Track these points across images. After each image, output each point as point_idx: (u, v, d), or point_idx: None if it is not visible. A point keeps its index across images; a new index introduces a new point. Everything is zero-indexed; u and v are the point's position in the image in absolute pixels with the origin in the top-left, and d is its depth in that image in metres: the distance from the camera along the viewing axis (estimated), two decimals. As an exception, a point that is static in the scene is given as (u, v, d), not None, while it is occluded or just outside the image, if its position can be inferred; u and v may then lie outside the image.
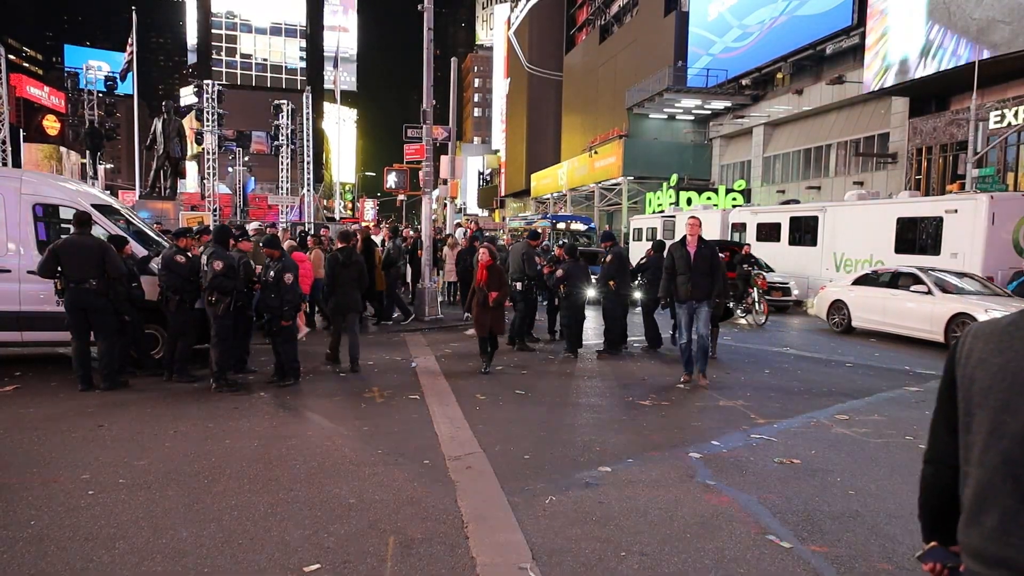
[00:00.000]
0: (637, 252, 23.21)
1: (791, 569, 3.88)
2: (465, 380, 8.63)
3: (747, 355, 11.06)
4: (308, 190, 34.76)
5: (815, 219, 19.65)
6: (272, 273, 7.96)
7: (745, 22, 33.20)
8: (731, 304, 14.72)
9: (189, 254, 8.23)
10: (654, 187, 35.46)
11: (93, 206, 8.83)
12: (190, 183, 45.02)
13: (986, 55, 19.10)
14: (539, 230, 19.34)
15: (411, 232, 19.50)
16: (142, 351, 8.60)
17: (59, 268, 7.54)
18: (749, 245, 17.28)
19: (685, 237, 8.63)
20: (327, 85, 68.78)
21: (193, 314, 8.12)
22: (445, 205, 34.82)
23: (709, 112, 37.98)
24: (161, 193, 23.49)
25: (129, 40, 35.34)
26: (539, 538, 4.16)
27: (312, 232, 17.92)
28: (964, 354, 1.59)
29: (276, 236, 8.89)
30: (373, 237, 14.91)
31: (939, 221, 15.32)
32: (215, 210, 27.23)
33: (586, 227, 29.14)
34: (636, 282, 11.99)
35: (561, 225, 28.75)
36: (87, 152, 34.40)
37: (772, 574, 3.83)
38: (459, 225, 27.99)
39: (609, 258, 10.95)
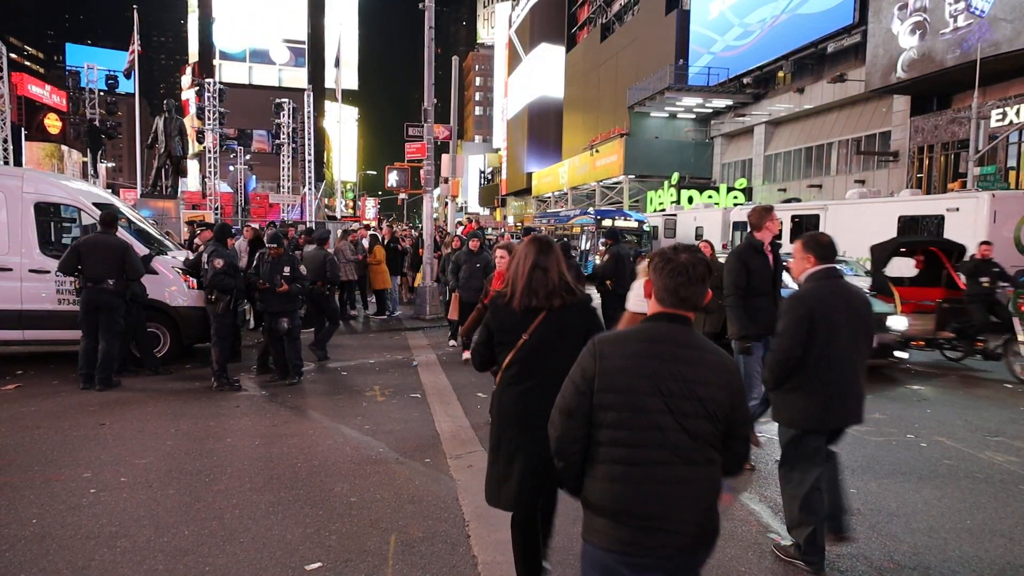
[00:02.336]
0: (638, 251, 23.32)
1: (792, 567, 3.88)
2: (466, 378, 8.62)
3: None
4: (310, 189, 34.75)
5: (816, 218, 19.63)
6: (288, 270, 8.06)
7: (746, 20, 33.15)
8: (962, 341, 9.42)
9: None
10: (655, 185, 35.46)
11: (94, 204, 8.84)
12: (191, 182, 45.01)
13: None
14: (535, 226, 18.96)
15: (410, 231, 19.32)
16: (144, 350, 8.61)
17: (79, 266, 7.61)
18: (990, 244, 10.13)
19: (758, 240, 5.64)
20: (328, 84, 68.72)
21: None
22: (447, 204, 34.78)
23: (710, 111, 37.95)
24: (162, 192, 23.49)
25: (133, 39, 35.36)
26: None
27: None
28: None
29: (279, 234, 8.90)
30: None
31: (940, 220, 15.32)
32: (216, 209, 27.21)
33: (637, 223, 25.81)
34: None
35: (606, 222, 25.04)
36: (88, 151, 34.40)
37: (773, 572, 3.83)
38: (460, 224, 27.88)
39: (607, 257, 10.93)
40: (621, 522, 2.18)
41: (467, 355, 7.46)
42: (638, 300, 3.16)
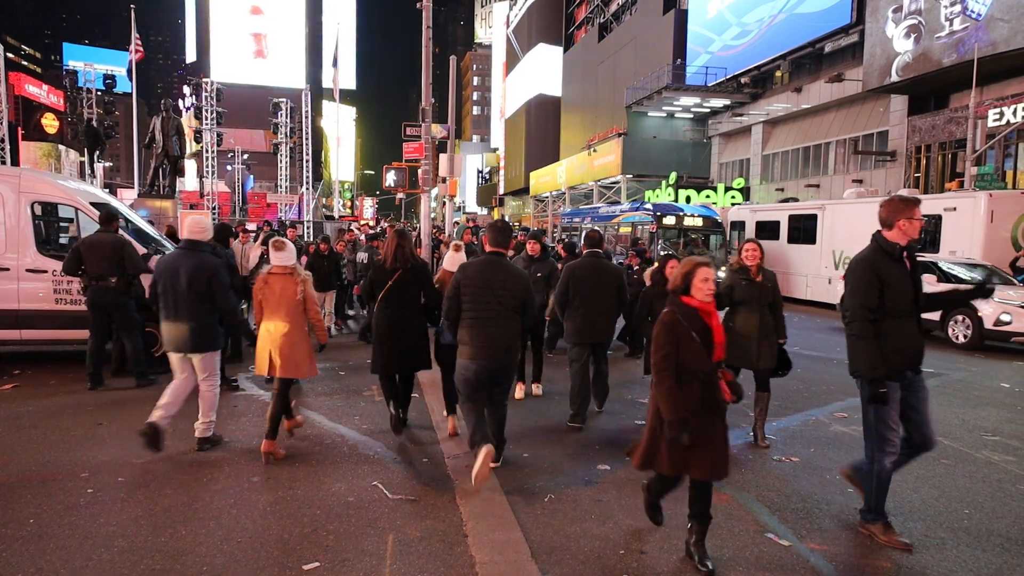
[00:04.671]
0: (636, 250, 23.12)
1: (790, 567, 3.89)
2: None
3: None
4: (307, 188, 34.74)
5: (814, 217, 19.66)
6: None
7: (744, 20, 33.14)
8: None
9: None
10: (653, 185, 35.42)
11: (91, 204, 8.83)
12: (189, 181, 44.95)
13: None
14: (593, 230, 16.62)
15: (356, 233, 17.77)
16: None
17: (82, 266, 7.67)
18: None
19: (890, 242, 4.19)
20: (326, 84, 68.66)
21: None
22: (444, 203, 34.74)
23: (708, 110, 37.94)
24: (160, 191, 23.45)
25: (135, 38, 35.36)
26: (538, 536, 4.16)
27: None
28: None
29: (276, 235, 8.91)
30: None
31: (938, 219, 15.35)
32: (214, 208, 27.19)
33: (703, 219, 20.59)
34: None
35: (669, 220, 20.30)
36: (86, 150, 34.34)
37: (771, 572, 3.83)
38: (457, 224, 27.77)
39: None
40: (472, 346, 4.97)
41: (520, 393, 7.64)
42: (450, 264, 6.30)
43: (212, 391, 5.77)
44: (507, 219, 63.90)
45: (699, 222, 20.50)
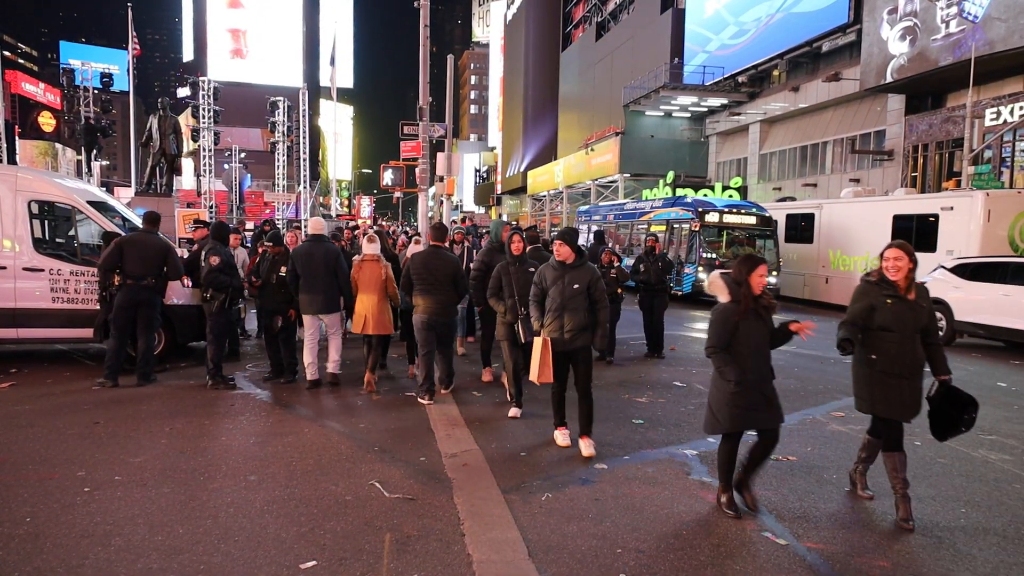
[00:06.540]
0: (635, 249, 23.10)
1: (787, 566, 3.89)
2: (461, 378, 8.62)
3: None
4: (304, 187, 34.69)
5: (811, 216, 19.69)
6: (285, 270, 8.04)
7: (741, 19, 33.14)
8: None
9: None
10: (651, 184, 35.38)
11: (88, 203, 8.82)
12: (186, 180, 44.85)
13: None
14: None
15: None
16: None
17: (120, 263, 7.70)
18: None
19: None
20: (323, 82, 68.51)
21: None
22: (442, 202, 34.70)
23: (705, 109, 37.93)
24: (157, 190, 23.40)
25: (132, 36, 35.28)
26: (535, 535, 4.17)
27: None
28: None
29: (278, 233, 8.92)
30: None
31: (935, 218, 15.38)
32: (211, 207, 27.15)
33: (756, 217, 18.70)
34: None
35: (712, 217, 18.37)
36: (83, 149, 34.28)
37: (768, 571, 3.84)
38: (455, 223, 27.69)
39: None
40: (419, 306, 7.29)
41: (562, 438, 5.90)
42: (411, 253, 8.22)
43: (338, 340, 8.05)
44: (503, 217, 64.09)
45: (748, 219, 18.57)
